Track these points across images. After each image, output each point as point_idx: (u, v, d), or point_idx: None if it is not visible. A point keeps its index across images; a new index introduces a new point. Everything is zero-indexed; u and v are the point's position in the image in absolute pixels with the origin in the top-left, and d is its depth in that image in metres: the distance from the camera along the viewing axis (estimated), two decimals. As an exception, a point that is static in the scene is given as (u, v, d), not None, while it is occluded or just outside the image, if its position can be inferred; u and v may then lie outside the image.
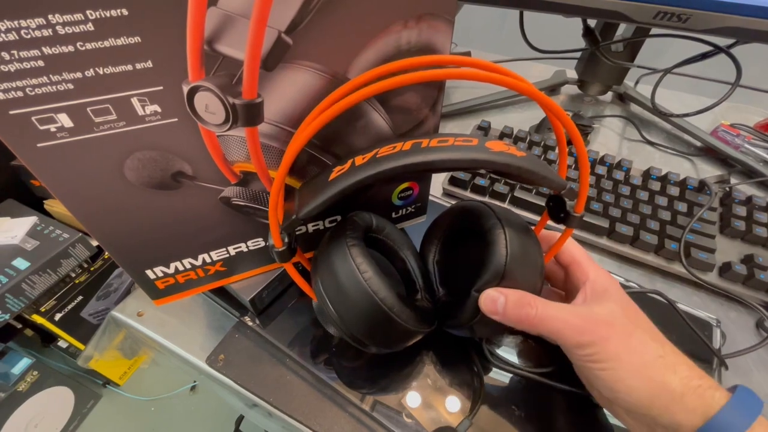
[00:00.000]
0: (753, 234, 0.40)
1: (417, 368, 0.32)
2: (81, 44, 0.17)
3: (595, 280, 0.26)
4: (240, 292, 0.33)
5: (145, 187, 0.23)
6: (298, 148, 0.20)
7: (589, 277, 0.27)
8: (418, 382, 0.32)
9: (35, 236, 0.86)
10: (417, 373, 0.32)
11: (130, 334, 0.40)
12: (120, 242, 0.25)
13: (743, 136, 0.55)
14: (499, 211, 0.27)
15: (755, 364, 0.34)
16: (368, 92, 0.18)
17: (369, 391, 0.31)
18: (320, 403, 0.30)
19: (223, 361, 0.33)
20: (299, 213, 0.22)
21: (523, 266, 0.25)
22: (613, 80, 0.62)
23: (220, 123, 0.21)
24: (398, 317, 0.24)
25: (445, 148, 0.21)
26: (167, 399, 1.11)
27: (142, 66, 0.18)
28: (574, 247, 0.29)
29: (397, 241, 0.31)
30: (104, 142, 0.20)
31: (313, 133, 0.19)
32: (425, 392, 0.31)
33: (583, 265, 0.28)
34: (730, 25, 0.39)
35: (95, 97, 0.18)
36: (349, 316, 0.25)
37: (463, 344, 0.33)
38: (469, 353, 0.33)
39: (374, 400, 0.30)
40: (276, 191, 0.22)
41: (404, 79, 0.18)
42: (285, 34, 0.20)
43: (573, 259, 0.28)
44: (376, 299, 0.23)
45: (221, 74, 0.20)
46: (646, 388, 0.22)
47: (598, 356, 0.23)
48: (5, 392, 0.88)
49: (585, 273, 0.27)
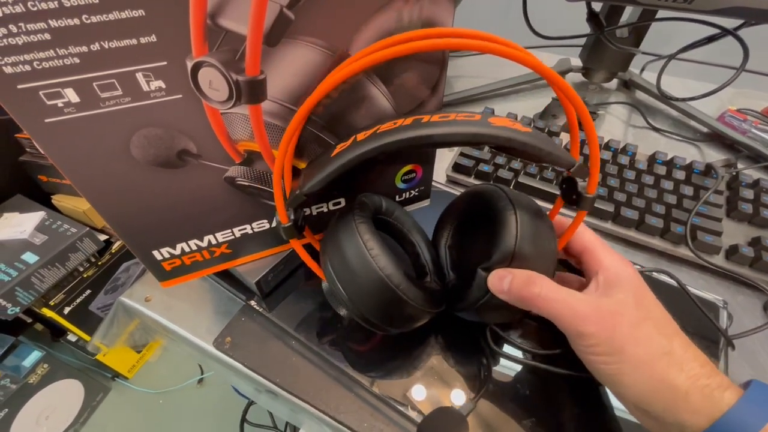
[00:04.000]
0: (760, 217, 0.40)
1: (424, 351, 0.32)
2: (86, 17, 0.17)
3: (608, 268, 0.25)
4: (246, 275, 0.33)
5: (151, 165, 0.23)
6: (304, 117, 0.20)
7: (602, 265, 0.25)
8: (425, 364, 0.32)
9: (43, 231, 0.88)
10: (424, 356, 0.32)
11: (138, 320, 0.40)
12: (127, 221, 0.25)
13: (750, 121, 0.55)
14: (512, 194, 0.27)
15: (762, 345, 0.34)
16: (365, 63, 0.18)
17: (375, 373, 0.31)
18: (326, 384, 0.31)
19: (229, 344, 0.34)
20: (303, 188, 0.22)
21: (533, 247, 0.25)
22: (618, 67, 0.62)
23: (224, 100, 0.22)
24: (405, 295, 0.24)
25: (446, 122, 0.21)
26: (175, 391, 1.12)
27: (146, 40, 0.18)
28: (586, 235, 0.28)
29: (406, 223, 0.31)
30: (110, 118, 0.20)
31: (315, 101, 0.19)
32: (431, 374, 0.31)
33: (595, 252, 0.26)
34: (737, 5, 0.39)
35: (101, 72, 0.18)
36: (357, 295, 0.25)
37: (471, 329, 0.33)
38: (476, 338, 0.33)
39: (380, 380, 0.31)
40: (279, 165, 0.22)
41: (403, 48, 0.18)
42: (287, 8, 0.20)
43: (584, 247, 0.27)
44: (383, 276, 0.24)
45: (225, 50, 0.20)
46: (648, 384, 0.22)
47: (599, 348, 0.23)
48: (17, 384, 0.89)
49: (598, 261, 0.26)
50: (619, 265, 0.25)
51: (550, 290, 0.24)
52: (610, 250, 0.27)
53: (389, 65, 0.24)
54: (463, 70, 0.71)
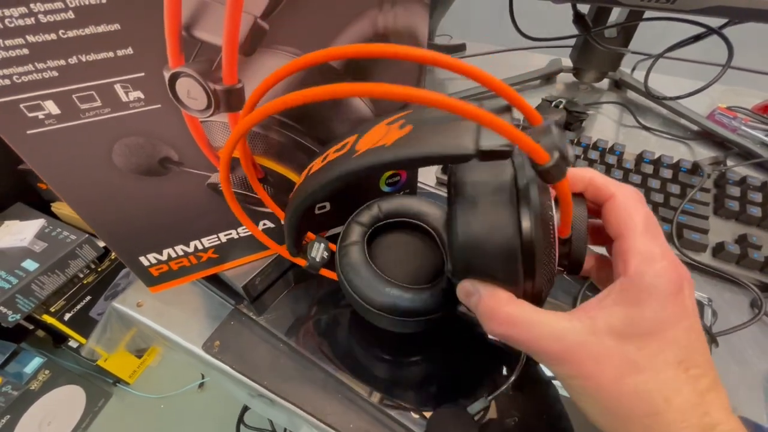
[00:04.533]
0: (747, 214, 0.40)
1: (420, 352, 0.33)
2: (63, 32, 0.17)
3: (638, 274, 0.17)
4: (233, 279, 0.34)
5: (134, 173, 0.23)
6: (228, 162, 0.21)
7: (630, 269, 0.18)
8: (421, 365, 0.32)
9: (43, 238, 0.88)
10: (419, 357, 0.32)
11: (131, 325, 0.41)
12: (113, 229, 0.26)
13: (740, 119, 0.55)
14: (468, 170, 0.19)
15: (748, 342, 0.34)
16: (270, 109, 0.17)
17: (364, 375, 0.31)
18: (313, 386, 0.31)
19: (218, 347, 0.34)
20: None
21: (480, 252, 0.18)
22: (608, 67, 0.62)
23: (203, 109, 0.22)
24: (407, 317, 0.25)
25: (324, 172, 0.20)
26: (176, 396, 1.12)
27: (123, 53, 0.19)
28: (624, 211, 0.19)
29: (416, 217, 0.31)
30: (91, 129, 0.21)
31: (232, 147, 0.20)
32: (429, 376, 0.31)
33: (627, 243, 0.18)
34: (718, 4, 0.39)
35: (79, 84, 0.19)
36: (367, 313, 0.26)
37: (470, 329, 0.33)
38: (478, 339, 0.33)
39: (369, 383, 0.31)
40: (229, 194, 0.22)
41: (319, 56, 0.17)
42: (261, 19, 0.20)
43: (619, 232, 0.19)
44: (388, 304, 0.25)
45: (201, 60, 0.21)
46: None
47: (574, 380, 0.18)
48: (18, 390, 0.90)
49: (626, 260, 0.18)
50: (656, 273, 0.17)
51: (514, 311, 0.18)
52: (657, 241, 0.18)
53: (365, 68, 0.25)
54: (457, 74, 0.71)
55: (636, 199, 0.20)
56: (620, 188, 0.20)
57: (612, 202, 0.20)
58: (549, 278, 0.19)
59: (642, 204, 0.20)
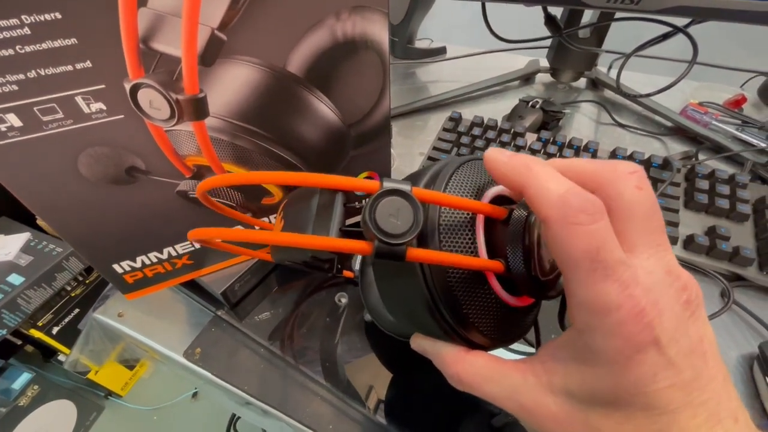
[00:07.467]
0: (716, 206, 0.41)
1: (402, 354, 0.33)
2: (20, 47, 0.18)
3: (588, 329, 0.14)
4: (212, 286, 0.34)
5: (101, 182, 0.24)
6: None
7: (576, 322, 0.15)
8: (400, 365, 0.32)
9: (29, 252, 0.88)
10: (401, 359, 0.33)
11: (113, 335, 0.41)
12: (84, 238, 0.26)
13: (711, 114, 0.56)
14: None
15: (719, 332, 0.35)
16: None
17: (342, 378, 0.32)
18: (294, 390, 0.31)
19: (199, 354, 0.34)
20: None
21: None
22: (583, 66, 0.63)
23: (166, 118, 0.23)
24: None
25: None
26: (169, 407, 1.11)
27: (81, 66, 0.19)
28: (559, 241, 0.14)
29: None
30: (55, 140, 0.21)
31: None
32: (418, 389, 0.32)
33: (568, 288, 0.14)
34: (680, 4, 0.40)
35: (40, 97, 0.19)
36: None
37: None
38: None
39: (349, 386, 0.31)
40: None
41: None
42: (218, 30, 0.21)
43: (561, 269, 0.15)
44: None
45: (161, 71, 0.21)
46: None
47: None
48: (6, 407, 0.89)
49: (570, 307, 0.15)
50: (611, 333, 0.13)
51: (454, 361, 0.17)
52: (613, 274, 0.13)
53: (325, 76, 0.25)
54: (437, 75, 0.72)
55: (577, 220, 0.13)
56: (556, 208, 0.14)
57: (546, 231, 0.14)
58: (497, 316, 0.17)
59: (596, 220, 0.13)
